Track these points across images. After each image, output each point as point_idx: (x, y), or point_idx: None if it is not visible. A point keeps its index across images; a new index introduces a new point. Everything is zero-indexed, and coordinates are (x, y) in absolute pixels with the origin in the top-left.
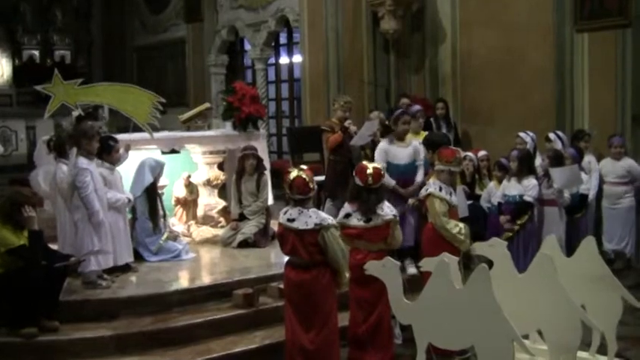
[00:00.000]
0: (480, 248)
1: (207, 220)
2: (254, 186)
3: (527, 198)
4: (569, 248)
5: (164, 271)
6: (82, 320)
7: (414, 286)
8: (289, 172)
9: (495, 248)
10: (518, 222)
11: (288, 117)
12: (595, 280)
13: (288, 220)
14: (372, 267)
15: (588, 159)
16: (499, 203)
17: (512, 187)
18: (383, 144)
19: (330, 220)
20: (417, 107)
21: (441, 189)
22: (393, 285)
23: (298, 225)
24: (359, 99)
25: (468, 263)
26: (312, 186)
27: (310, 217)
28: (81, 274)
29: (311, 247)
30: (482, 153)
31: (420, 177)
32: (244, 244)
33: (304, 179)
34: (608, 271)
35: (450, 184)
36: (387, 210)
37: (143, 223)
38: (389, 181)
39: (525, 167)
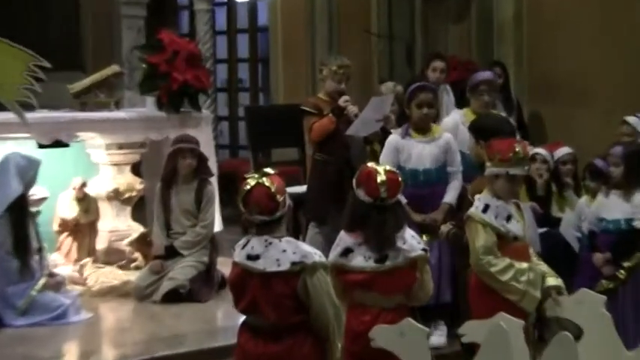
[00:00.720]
0: (559, 306)
1: (112, 256)
2: (192, 201)
3: (638, 224)
4: None
5: (38, 343)
6: None
7: None
8: (245, 180)
9: (586, 307)
10: (626, 264)
11: (247, 90)
12: None
13: (249, 257)
14: (384, 335)
15: None
16: (592, 232)
17: (613, 207)
18: (394, 137)
19: (317, 255)
20: (485, 74)
21: (486, 208)
22: None
23: (265, 265)
24: (363, 62)
25: (541, 331)
26: (280, 199)
27: (284, 252)
28: None
29: (284, 302)
30: (564, 150)
31: (452, 195)
32: (174, 297)
33: (267, 189)
34: None
35: (510, 197)
36: (413, 241)
37: (4, 261)
38: None
39: (637, 173)
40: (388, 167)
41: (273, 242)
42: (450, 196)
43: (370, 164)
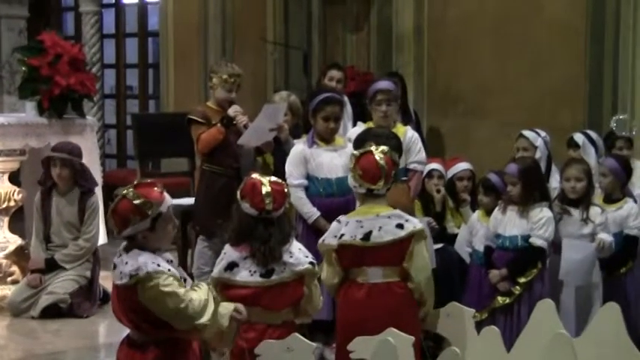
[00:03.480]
0: (432, 321)
1: None
2: (74, 213)
3: (536, 241)
4: None
5: None
6: None
7: None
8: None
9: (453, 319)
10: (521, 279)
11: (136, 97)
12: None
13: (113, 266)
14: (270, 351)
15: (635, 166)
16: (488, 248)
17: (510, 223)
18: (300, 147)
19: (150, 265)
20: (381, 83)
21: None
22: None
23: (114, 277)
24: (256, 70)
25: (436, 347)
26: (144, 211)
27: (127, 265)
28: None
29: (132, 314)
30: (460, 166)
31: None
32: (53, 312)
33: (129, 203)
34: None
35: None
36: (300, 255)
37: None
38: (309, 210)
39: (534, 189)
40: (273, 178)
41: (123, 255)
42: None
43: (255, 175)
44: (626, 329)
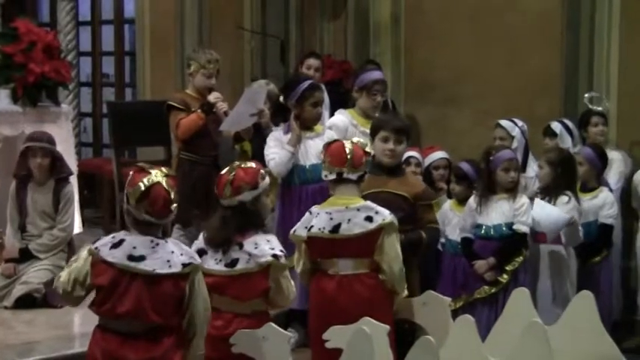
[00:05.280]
0: (405, 308)
1: None
2: (49, 202)
3: (521, 227)
4: None
5: None
6: None
7: None
8: (142, 173)
9: (430, 308)
10: (509, 267)
11: (113, 85)
12: None
13: (132, 258)
14: (245, 340)
15: (612, 157)
16: (466, 239)
17: (492, 212)
18: (277, 134)
19: (197, 257)
20: (377, 74)
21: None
22: None
23: (154, 266)
24: (234, 58)
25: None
26: (174, 207)
27: (173, 253)
28: None
29: (169, 304)
30: (437, 155)
31: None
32: (27, 302)
33: (166, 193)
34: (616, 351)
35: None
36: (265, 246)
37: None
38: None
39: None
40: (243, 164)
41: (160, 243)
42: None
43: (236, 163)
44: (599, 317)
